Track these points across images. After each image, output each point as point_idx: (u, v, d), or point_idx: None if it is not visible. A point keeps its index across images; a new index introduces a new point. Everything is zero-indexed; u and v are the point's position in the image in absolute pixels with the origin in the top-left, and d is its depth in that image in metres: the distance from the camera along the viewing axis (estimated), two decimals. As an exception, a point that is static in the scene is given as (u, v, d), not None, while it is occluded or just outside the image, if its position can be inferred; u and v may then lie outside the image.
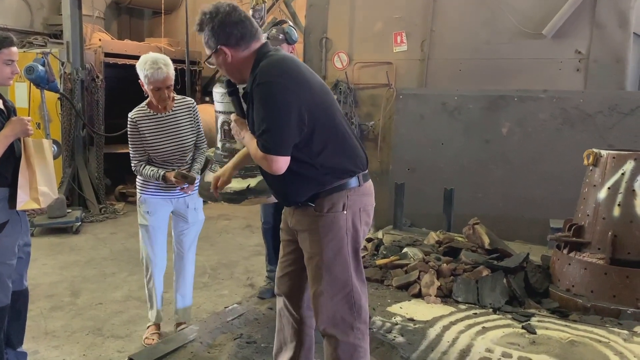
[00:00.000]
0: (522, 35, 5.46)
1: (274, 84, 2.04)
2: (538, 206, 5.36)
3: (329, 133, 2.16)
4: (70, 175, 6.92)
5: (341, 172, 2.19)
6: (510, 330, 3.27)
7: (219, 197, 2.69)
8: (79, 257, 5.27)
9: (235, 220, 6.86)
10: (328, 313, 2.22)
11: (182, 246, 3.51)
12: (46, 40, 8.27)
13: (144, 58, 3.14)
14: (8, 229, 2.60)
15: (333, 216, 2.17)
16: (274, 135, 2.03)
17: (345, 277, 2.21)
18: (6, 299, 2.65)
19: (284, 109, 2.03)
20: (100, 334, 3.64)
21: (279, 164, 2.05)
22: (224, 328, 3.22)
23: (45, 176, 2.72)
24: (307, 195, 2.19)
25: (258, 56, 2.17)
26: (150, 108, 3.26)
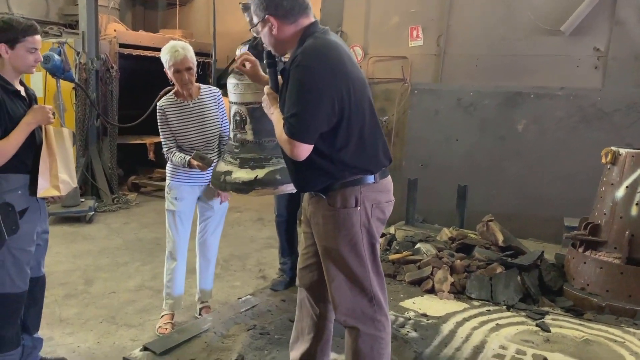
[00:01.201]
0: (540, 32, 5.40)
1: (312, 69, 2.01)
2: (552, 204, 5.32)
3: (355, 130, 2.12)
4: (84, 165, 6.95)
5: (359, 169, 2.16)
6: (524, 327, 3.26)
7: (227, 187, 2.71)
8: (92, 246, 5.31)
9: (246, 212, 6.87)
10: (347, 306, 2.21)
11: (207, 230, 3.58)
12: (62, 30, 8.29)
13: (164, 46, 3.25)
14: (27, 215, 2.62)
15: (346, 212, 2.15)
16: (302, 121, 2.00)
17: (363, 271, 2.19)
18: (24, 285, 2.66)
19: (317, 96, 2.00)
20: (114, 322, 3.66)
21: (301, 151, 2.03)
22: (238, 319, 3.23)
23: (65, 164, 2.74)
24: (319, 186, 2.18)
25: (304, 34, 2.13)
26: (177, 96, 3.34)
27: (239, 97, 2.71)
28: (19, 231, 2.55)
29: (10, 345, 2.69)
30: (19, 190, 2.58)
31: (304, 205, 2.39)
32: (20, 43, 2.53)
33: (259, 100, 2.52)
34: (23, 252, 2.61)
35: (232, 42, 9.04)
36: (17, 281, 2.62)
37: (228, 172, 2.73)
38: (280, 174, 2.59)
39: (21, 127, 2.53)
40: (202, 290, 3.71)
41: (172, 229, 3.45)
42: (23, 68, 2.59)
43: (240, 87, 2.66)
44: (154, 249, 5.25)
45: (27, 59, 2.57)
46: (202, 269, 3.67)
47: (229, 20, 9.13)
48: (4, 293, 2.59)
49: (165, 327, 3.46)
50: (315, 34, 2.12)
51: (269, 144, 2.69)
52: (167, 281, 3.53)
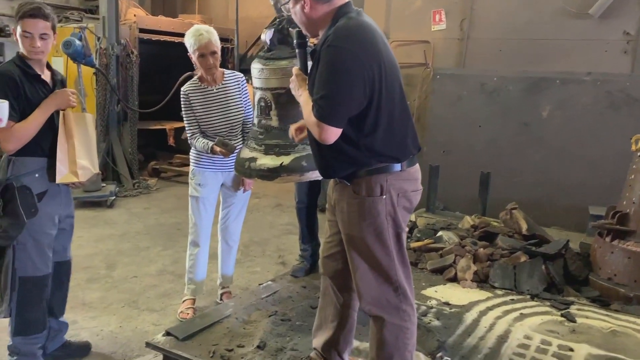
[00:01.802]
0: (567, 15, 5.27)
1: (344, 50, 1.94)
2: (576, 192, 5.22)
3: (384, 115, 2.05)
4: (105, 150, 7.00)
5: (385, 157, 2.09)
6: (549, 317, 3.20)
7: (252, 174, 2.68)
8: (114, 231, 5.35)
9: (265, 198, 6.87)
10: (372, 295, 2.17)
11: (229, 216, 3.58)
12: (82, 15, 8.31)
13: (188, 31, 3.23)
14: (47, 199, 2.63)
15: (372, 201, 2.09)
16: (332, 103, 1.94)
17: (388, 261, 2.15)
18: (47, 268, 2.70)
19: (349, 78, 1.94)
20: (136, 306, 3.69)
21: (329, 134, 1.97)
22: (259, 305, 3.22)
23: (86, 150, 2.71)
24: (343, 172, 2.13)
25: (337, 14, 2.06)
26: (201, 81, 3.32)
27: (264, 83, 2.65)
28: (38, 214, 2.57)
29: (35, 328, 2.73)
30: (35, 173, 2.59)
31: (328, 192, 2.35)
32: (18, 27, 2.51)
33: (284, 86, 2.48)
34: (43, 235, 2.63)
35: (251, 26, 9.03)
36: (39, 264, 2.65)
37: (253, 158, 2.70)
38: (306, 161, 2.55)
39: (40, 109, 2.53)
40: (224, 275, 3.71)
41: (196, 215, 3.45)
42: (24, 52, 2.55)
43: (266, 72, 2.60)
44: (175, 234, 5.28)
45: (23, 43, 2.52)
46: (224, 255, 3.67)
47: (248, 5, 9.06)
48: (27, 276, 2.63)
49: (187, 312, 3.48)
50: (349, 14, 2.05)
51: None
52: (189, 267, 3.53)
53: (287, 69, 2.50)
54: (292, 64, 2.48)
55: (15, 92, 2.48)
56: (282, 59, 2.56)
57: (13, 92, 2.48)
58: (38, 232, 2.61)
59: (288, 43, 2.54)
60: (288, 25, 2.55)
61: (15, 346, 2.74)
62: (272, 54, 2.60)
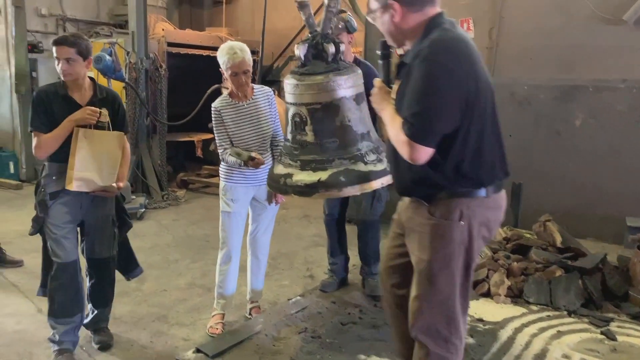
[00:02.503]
0: (600, 21, 5.14)
1: (441, 64, 1.83)
2: (612, 202, 5.07)
3: (473, 135, 1.94)
4: (135, 162, 7.09)
5: (471, 181, 1.98)
6: (587, 335, 3.11)
7: (288, 190, 2.64)
8: (143, 243, 5.39)
9: (292, 209, 6.86)
10: (424, 321, 2.08)
11: (259, 229, 3.57)
12: (112, 30, 8.49)
13: (222, 46, 3.24)
14: (61, 198, 2.98)
15: (447, 225, 1.97)
16: (425, 121, 1.82)
17: (449, 291, 2.03)
18: (64, 257, 3.00)
19: (445, 96, 1.83)
20: (166, 321, 3.69)
21: (421, 154, 1.85)
22: (288, 321, 3.20)
23: (89, 163, 2.96)
24: (422, 193, 2.03)
25: (430, 25, 1.95)
26: (231, 97, 3.33)
27: (299, 98, 2.60)
28: (51, 210, 2.97)
29: (63, 312, 3.04)
30: (53, 176, 2.98)
31: (400, 205, 2.25)
32: (54, 54, 2.89)
33: (320, 101, 2.45)
34: (56, 227, 2.99)
35: (277, 38, 9.08)
36: (58, 252, 3.00)
37: (288, 174, 2.64)
38: (344, 176, 2.49)
39: (63, 124, 2.90)
40: (254, 290, 3.70)
41: (227, 231, 3.44)
42: (60, 74, 2.92)
43: (301, 87, 2.55)
44: (203, 246, 5.30)
45: (57, 67, 2.91)
46: (253, 269, 3.66)
47: (274, 17, 9.12)
48: (52, 261, 3.02)
49: (217, 327, 3.46)
50: (443, 25, 1.94)
51: (330, 145, 2.57)
52: (219, 281, 3.53)
53: (322, 84, 2.47)
54: (328, 79, 2.46)
55: (43, 108, 2.92)
56: (317, 74, 2.52)
57: (42, 108, 2.92)
58: (51, 225, 2.99)
59: (322, 58, 2.51)
60: (323, 40, 2.52)
61: (53, 333, 3.09)
62: (306, 69, 2.56)
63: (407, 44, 2.03)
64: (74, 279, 3.06)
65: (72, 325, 3.08)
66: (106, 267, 3.24)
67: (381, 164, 2.55)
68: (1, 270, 4.50)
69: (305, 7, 2.54)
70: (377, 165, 2.53)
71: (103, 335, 3.33)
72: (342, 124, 2.51)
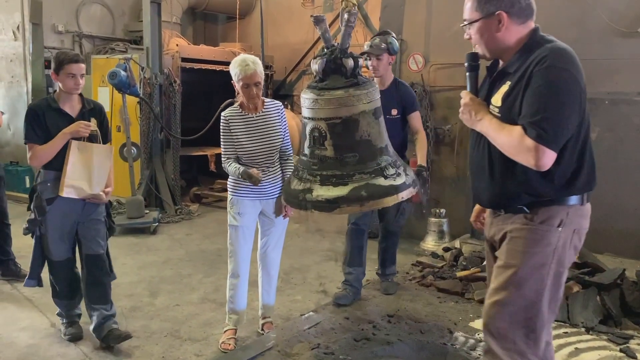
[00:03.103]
0: (615, 34, 5.09)
1: (567, 71, 1.85)
2: (631, 216, 4.98)
3: (579, 144, 1.94)
4: (148, 177, 7.13)
5: (573, 189, 1.96)
6: (606, 353, 3.03)
7: (308, 205, 2.59)
8: (156, 258, 5.40)
9: (305, 223, 6.84)
10: (500, 330, 1.98)
11: (269, 244, 3.55)
12: (127, 46, 8.60)
13: (234, 59, 3.27)
14: (57, 203, 3.29)
15: (546, 230, 1.95)
16: (557, 126, 1.81)
17: (535, 298, 1.95)
18: (59, 255, 3.40)
19: (572, 103, 1.84)
20: (178, 336, 3.68)
21: (549, 159, 1.82)
22: (301, 337, 3.17)
23: (80, 173, 3.27)
24: (522, 202, 1.98)
25: (533, 38, 1.98)
26: (242, 109, 3.35)
27: (318, 113, 2.57)
28: (48, 213, 3.29)
29: (65, 295, 3.54)
30: (48, 182, 3.30)
31: (487, 223, 2.20)
32: (62, 71, 3.20)
33: (339, 115, 2.45)
34: (52, 230, 3.36)
35: (290, 52, 9.15)
36: (54, 252, 3.40)
37: (308, 189, 2.60)
38: (365, 191, 2.46)
39: (58, 136, 3.20)
40: (265, 305, 3.67)
41: (235, 244, 3.43)
42: (66, 89, 3.25)
43: (321, 102, 2.53)
44: (216, 260, 5.29)
45: (68, 83, 3.23)
46: (264, 284, 3.64)
47: (287, 31, 9.19)
48: (50, 259, 3.43)
49: (229, 343, 3.44)
50: (547, 37, 1.99)
51: (350, 160, 2.54)
52: (230, 296, 3.51)
53: (342, 98, 2.47)
54: (348, 94, 2.46)
55: (37, 121, 3.22)
56: (337, 89, 2.51)
57: (35, 121, 3.22)
58: (49, 227, 3.34)
59: (341, 73, 2.51)
60: (341, 55, 2.52)
61: (59, 311, 3.60)
62: (325, 84, 2.55)
63: (504, 55, 2.04)
64: (70, 272, 3.53)
65: (74, 304, 3.58)
66: (101, 261, 3.50)
67: (400, 177, 2.53)
68: (16, 284, 4.53)
69: (322, 22, 2.54)
70: (396, 179, 2.51)
71: (116, 332, 3.45)
72: (362, 138, 2.50)
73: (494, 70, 2.14)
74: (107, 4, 8.97)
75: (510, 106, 1.93)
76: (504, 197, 2.03)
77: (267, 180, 3.34)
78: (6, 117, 8.02)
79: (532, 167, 1.85)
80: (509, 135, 1.90)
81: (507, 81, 1.98)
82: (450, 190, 6.02)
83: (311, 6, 8.63)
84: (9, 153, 8.36)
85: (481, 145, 2.10)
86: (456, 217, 5.78)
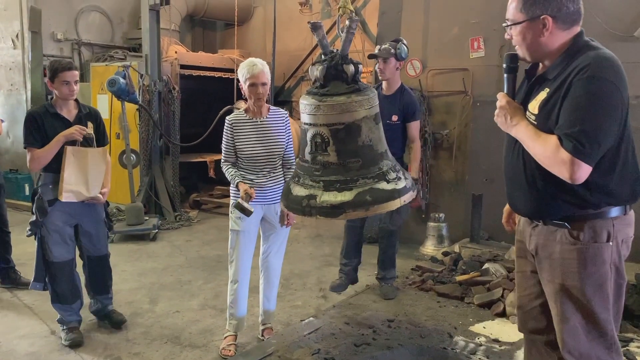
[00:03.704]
0: (611, 38, 5.11)
1: (610, 83, 1.79)
2: (629, 220, 4.99)
3: (622, 152, 1.90)
4: (147, 183, 7.14)
5: (616, 199, 1.92)
6: (607, 356, 3.03)
7: (312, 212, 2.58)
8: (156, 264, 5.40)
9: (305, 229, 6.85)
10: (582, 350, 1.97)
11: (270, 252, 3.57)
12: (126, 53, 8.63)
13: (242, 62, 3.37)
14: (56, 205, 3.43)
15: (597, 247, 1.91)
16: (594, 140, 1.76)
17: (606, 315, 1.94)
18: (60, 256, 3.51)
19: (613, 115, 1.80)
20: (178, 342, 3.68)
21: (583, 172, 1.78)
22: (301, 342, 3.17)
23: (77, 177, 3.42)
24: (562, 214, 1.94)
25: (577, 43, 1.92)
26: (246, 113, 3.41)
27: (320, 119, 2.56)
28: (50, 215, 3.43)
29: (64, 299, 3.59)
30: (49, 185, 3.45)
31: (521, 231, 2.17)
32: (57, 78, 3.37)
33: (342, 121, 2.46)
34: (53, 232, 3.48)
35: (289, 59, 9.17)
36: (55, 253, 3.50)
37: (311, 196, 2.58)
38: (370, 195, 2.46)
39: (54, 140, 3.34)
40: (266, 311, 3.68)
41: (236, 249, 3.45)
42: (62, 96, 3.42)
43: (323, 108, 2.53)
44: (216, 266, 5.29)
45: (63, 90, 3.40)
46: (265, 290, 3.64)
47: (286, 38, 9.22)
48: (51, 261, 3.51)
49: (229, 349, 3.44)
50: (591, 43, 1.92)
51: (353, 165, 2.54)
52: (230, 302, 3.52)
53: (345, 104, 2.48)
54: (351, 99, 2.47)
55: (35, 126, 3.36)
56: (340, 95, 2.52)
57: (34, 127, 3.37)
58: (49, 229, 3.46)
59: (342, 79, 2.53)
60: (342, 61, 2.53)
61: (60, 317, 3.62)
62: (327, 90, 2.56)
63: (544, 59, 1.99)
64: (70, 274, 3.60)
65: (74, 309, 3.64)
66: (105, 261, 3.75)
67: (401, 181, 2.55)
68: (16, 292, 4.53)
69: (319, 28, 2.55)
70: (398, 183, 2.53)
71: (115, 315, 3.84)
72: (364, 143, 2.52)
73: (533, 74, 2.09)
74: (105, 12, 9.00)
75: (547, 115, 1.89)
76: (542, 207, 1.99)
77: (268, 185, 3.36)
78: (5, 125, 8.03)
79: (566, 179, 1.82)
80: (544, 145, 1.85)
81: (546, 87, 1.94)
82: (449, 195, 6.03)
83: (309, 12, 8.66)
84: (8, 161, 8.36)
85: (516, 150, 2.06)
86: (455, 222, 5.79)
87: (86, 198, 3.48)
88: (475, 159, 5.73)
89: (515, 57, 2.05)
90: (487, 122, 5.61)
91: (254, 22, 10.03)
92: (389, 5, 6.37)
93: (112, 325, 3.84)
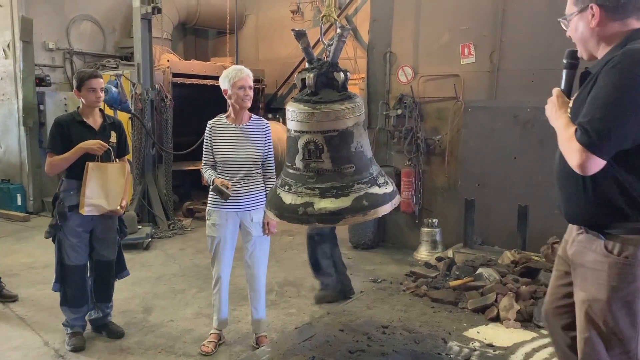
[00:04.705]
0: (600, 43, 5.18)
1: (634, 75, 1.70)
2: (621, 223, 5.02)
3: None
4: (141, 192, 7.12)
5: None
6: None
7: (310, 219, 2.57)
8: (150, 273, 5.38)
9: (299, 236, 6.83)
10: None
11: (252, 260, 3.59)
12: (118, 62, 8.62)
13: (225, 70, 3.47)
14: (75, 211, 3.52)
15: (629, 264, 1.82)
16: (604, 130, 1.70)
17: (631, 333, 1.87)
18: (75, 260, 3.60)
19: (631, 108, 1.70)
20: (172, 351, 3.66)
21: (591, 164, 1.72)
22: (296, 350, 3.17)
23: (98, 192, 3.55)
24: (600, 220, 1.88)
25: (630, 38, 1.82)
26: (227, 119, 3.49)
27: (314, 126, 2.56)
28: (69, 220, 3.53)
29: (73, 302, 3.66)
30: (71, 191, 3.54)
31: (565, 238, 2.11)
32: (84, 86, 3.51)
33: (337, 128, 2.48)
34: (71, 236, 3.58)
35: (280, 66, 9.20)
36: (71, 256, 3.59)
37: (308, 203, 2.56)
38: (366, 200, 2.48)
39: (74, 149, 3.46)
40: (256, 321, 3.68)
41: (213, 254, 3.55)
42: (89, 103, 3.56)
43: (317, 115, 2.54)
44: (210, 275, 5.22)
45: (90, 97, 3.54)
46: (253, 301, 3.67)
47: (277, 46, 9.26)
48: (65, 264, 3.61)
49: (208, 346, 3.58)
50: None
51: (348, 171, 2.55)
52: (213, 300, 3.70)
53: (339, 111, 2.50)
54: (344, 107, 2.50)
55: (60, 132, 3.50)
56: (333, 102, 2.54)
57: (59, 133, 3.50)
58: (68, 233, 3.56)
59: (333, 86, 2.55)
60: (332, 69, 2.55)
61: (66, 320, 3.71)
62: (319, 97, 2.56)
63: (597, 55, 1.93)
64: (82, 278, 3.69)
65: (81, 313, 3.71)
66: (111, 267, 3.83)
67: (389, 185, 2.61)
68: (8, 303, 4.49)
69: (303, 36, 2.56)
70: (387, 187, 2.57)
71: (113, 327, 3.88)
72: (356, 149, 2.55)
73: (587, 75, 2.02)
74: (97, 21, 9.00)
75: (578, 107, 1.84)
76: (584, 211, 1.93)
77: (243, 193, 3.41)
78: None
79: (575, 169, 1.77)
80: (565, 133, 1.82)
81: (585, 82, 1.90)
82: (442, 200, 6.06)
83: (301, 20, 8.70)
84: (0, 171, 8.32)
85: None
86: (448, 227, 5.81)
87: (106, 211, 3.59)
88: (467, 164, 5.76)
89: (575, 53, 2.01)
90: (479, 127, 5.68)
91: (246, 30, 10.06)
92: (380, 13, 6.41)
93: (109, 336, 3.84)
